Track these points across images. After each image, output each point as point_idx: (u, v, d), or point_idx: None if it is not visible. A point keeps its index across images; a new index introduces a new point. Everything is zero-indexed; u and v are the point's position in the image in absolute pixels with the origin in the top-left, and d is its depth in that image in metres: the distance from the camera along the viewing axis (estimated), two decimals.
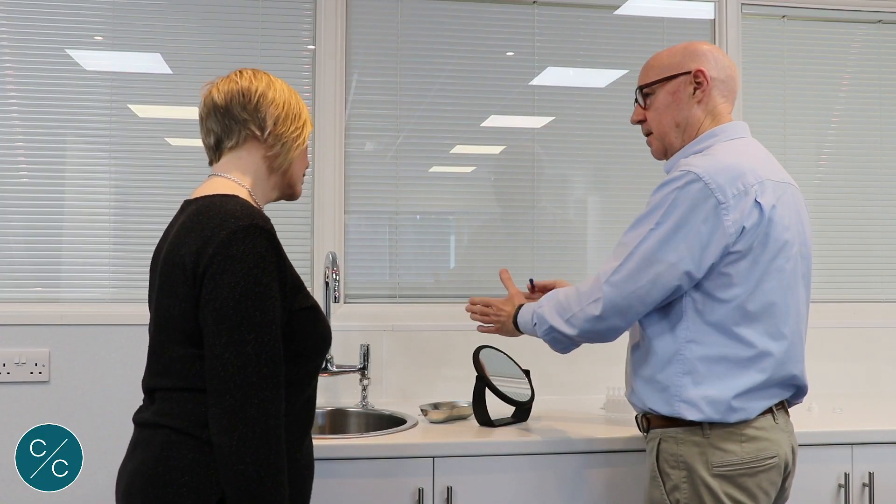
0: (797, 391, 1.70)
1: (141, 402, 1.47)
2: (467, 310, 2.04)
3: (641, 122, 1.82)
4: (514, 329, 1.90)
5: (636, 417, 1.79)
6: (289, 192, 1.56)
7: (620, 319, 1.64)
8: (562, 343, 1.75)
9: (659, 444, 1.66)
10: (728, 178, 1.57)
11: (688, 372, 1.61)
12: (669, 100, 1.75)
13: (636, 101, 1.83)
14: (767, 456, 1.61)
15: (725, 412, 1.59)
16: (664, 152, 1.82)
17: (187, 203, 1.46)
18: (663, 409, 1.64)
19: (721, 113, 1.74)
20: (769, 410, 1.64)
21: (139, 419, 1.42)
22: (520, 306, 1.89)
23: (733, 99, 1.78)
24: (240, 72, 1.50)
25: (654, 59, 1.80)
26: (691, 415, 1.60)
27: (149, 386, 1.42)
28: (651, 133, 1.82)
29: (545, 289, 2.03)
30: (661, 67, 1.77)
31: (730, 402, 1.59)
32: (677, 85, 1.74)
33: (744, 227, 1.56)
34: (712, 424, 1.60)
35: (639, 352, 1.72)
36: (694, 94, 1.72)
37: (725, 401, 1.59)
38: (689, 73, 1.73)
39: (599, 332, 1.67)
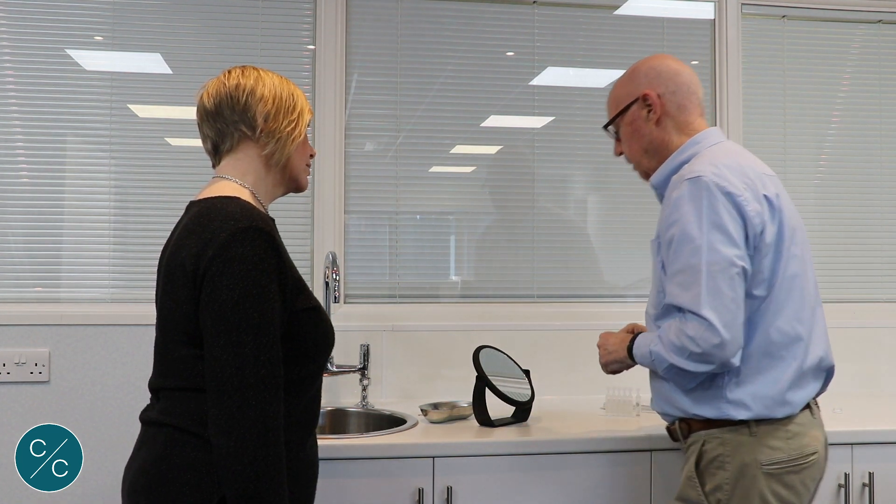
0: (826, 376, 1.71)
1: (143, 401, 1.49)
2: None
3: (622, 153, 1.88)
4: (629, 358, 1.77)
5: (670, 427, 1.76)
6: (293, 186, 1.56)
7: (737, 334, 1.55)
8: (687, 377, 1.63)
9: (702, 445, 1.64)
10: (734, 174, 1.60)
11: (730, 372, 1.60)
12: (630, 130, 1.81)
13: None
14: (811, 452, 1.62)
15: (774, 407, 1.60)
16: (647, 175, 1.85)
17: (192, 204, 1.46)
18: (709, 413, 1.63)
19: (688, 122, 1.77)
20: (806, 406, 1.65)
21: (145, 418, 1.44)
22: (637, 334, 1.78)
23: (696, 102, 1.80)
24: (228, 72, 1.49)
25: (611, 92, 1.87)
26: (740, 414, 1.60)
27: (154, 385, 1.43)
28: (630, 161, 1.88)
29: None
30: (615, 102, 1.84)
31: (783, 396, 1.60)
32: (632, 115, 1.80)
33: (764, 219, 1.59)
34: (759, 422, 1.60)
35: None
36: (648, 116, 1.77)
37: (773, 396, 1.59)
38: (636, 99, 1.78)
39: (725, 359, 1.55)
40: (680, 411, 1.69)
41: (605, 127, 1.88)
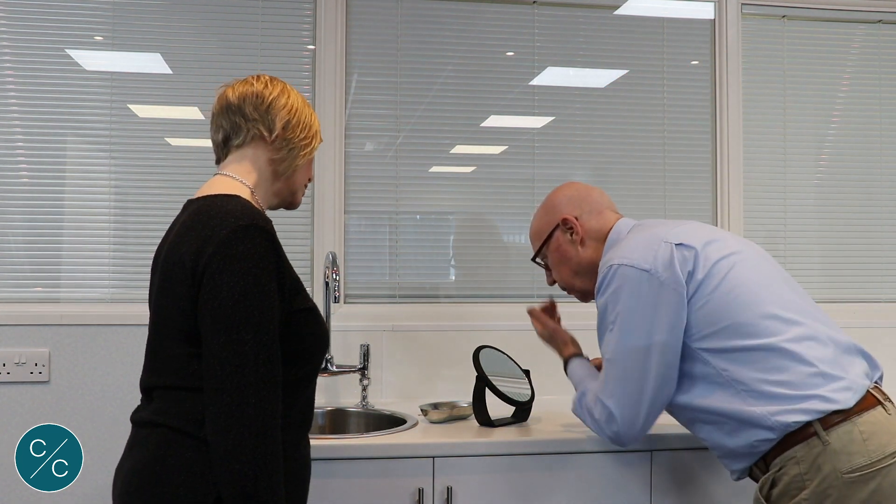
0: (864, 356, 1.66)
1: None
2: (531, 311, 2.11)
3: (555, 283, 1.98)
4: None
5: (751, 474, 1.69)
6: (289, 200, 1.58)
7: (635, 421, 1.68)
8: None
9: (778, 470, 1.57)
10: (642, 249, 1.67)
11: (757, 397, 1.56)
12: (557, 256, 1.91)
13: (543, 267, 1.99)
14: (894, 450, 1.52)
15: (825, 397, 1.53)
16: (583, 297, 1.95)
17: (190, 202, 1.46)
18: (773, 434, 1.56)
19: (603, 227, 1.86)
20: (877, 402, 1.57)
21: (137, 418, 1.43)
22: (572, 355, 1.98)
23: (608, 207, 1.91)
24: (257, 76, 1.52)
25: (531, 227, 1.98)
26: (794, 417, 1.53)
27: (147, 384, 1.42)
28: (564, 288, 1.96)
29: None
30: (537, 233, 1.95)
31: (827, 374, 1.54)
32: (556, 241, 1.91)
33: (689, 271, 1.63)
34: (826, 428, 1.52)
35: (706, 425, 1.67)
36: (572, 238, 1.88)
37: (812, 378, 1.54)
38: (557, 226, 1.89)
39: (624, 444, 1.73)
40: (751, 453, 1.63)
41: (534, 259, 1.98)
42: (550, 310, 2.13)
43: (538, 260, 1.98)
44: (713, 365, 1.62)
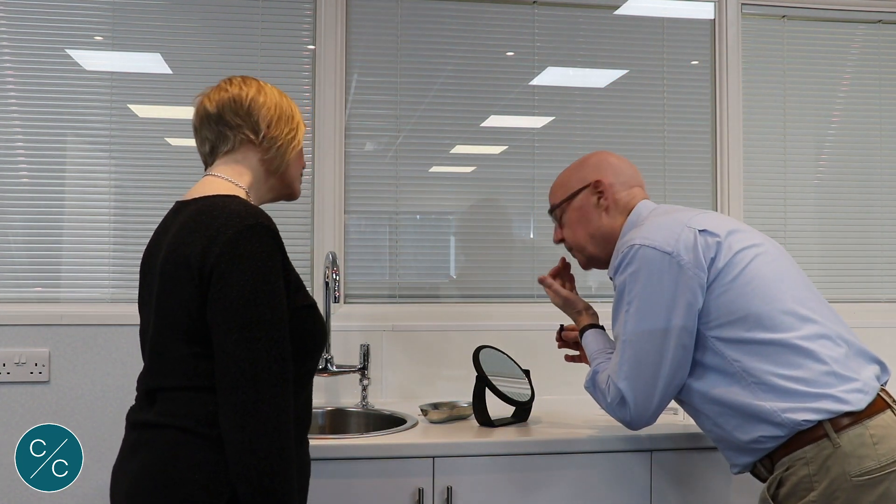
0: (876, 361, 1.66)
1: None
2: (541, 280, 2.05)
3: (562, 240, 1.95)
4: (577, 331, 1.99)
5: (754, 471, 1.68)
6: (287, 192, 1.58)
7: (648, 407, 1.67)
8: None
9: (785, 470, 1.56)
10: (665, 233, 1.65)
11: (767, 391, 1.55)
12: (578, 215, 1.88)
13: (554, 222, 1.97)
14: None
15: (837, 396, 1.51)
16: (587, 263, 1.93)
17: (182, 204, 1.46)
18: (782, 431, 1.54)
19: (628, 202, 1.85)
20: (886, 406, 1.56)
21: (139, 420, 1.41)
22: (587, 326, 1.94)
23: (636, 181, 1.89)
24: (229, 80, 1.52)
25: (557, 180, 1.94)
26: (805, 415, 1.52)
27: (150, 386, 1.41)
28: (573, 248, 1.94)
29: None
30: (563, 187, 1.91)
31: (841, 375, 1.53)
32: (581, 200, 1.87)
33: (711, 258, 1.62)
34: (838, 430, 1.51)
35: (712, 417, 1.65)
36: (598, 203, 1.85)
37: (824, 377, 1.52)
38: (588, 185, 1.86)
39: (640, 424, 1.72)
40: (758, 447, 1.60)
41: (552, 211, 1.95)
42: (563, 272, 2.07)
43: (556, 211, 1.93)
44: (725, 355, 1.60)
